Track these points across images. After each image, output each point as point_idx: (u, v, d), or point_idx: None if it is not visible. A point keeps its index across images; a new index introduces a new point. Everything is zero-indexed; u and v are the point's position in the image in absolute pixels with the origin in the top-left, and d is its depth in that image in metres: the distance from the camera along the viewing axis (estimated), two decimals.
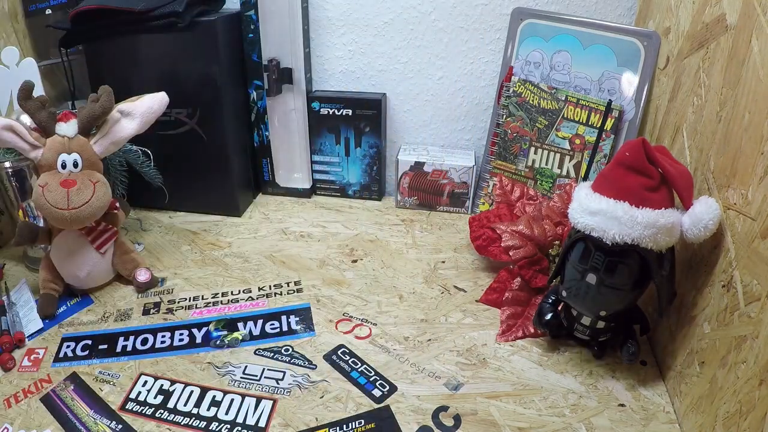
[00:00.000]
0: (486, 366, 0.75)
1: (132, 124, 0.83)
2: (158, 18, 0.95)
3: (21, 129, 0.77)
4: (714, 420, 0.59)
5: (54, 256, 0.86)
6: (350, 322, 0.83)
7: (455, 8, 1.06)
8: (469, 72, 1.12)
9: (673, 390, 0.70)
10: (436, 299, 0.89)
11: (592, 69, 0.98)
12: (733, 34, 0.65)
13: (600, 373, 0.74)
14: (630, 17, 1.03)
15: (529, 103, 1.03)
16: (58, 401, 0.70)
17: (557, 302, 0.77)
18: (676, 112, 0.81)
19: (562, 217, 0.88)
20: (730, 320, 0.59)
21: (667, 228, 0.62)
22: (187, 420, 0.67)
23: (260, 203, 1.20)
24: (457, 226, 1.10)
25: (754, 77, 0.59)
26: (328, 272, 0.96)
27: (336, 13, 1.11)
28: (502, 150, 1.07)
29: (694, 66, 0.76)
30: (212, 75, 1.00)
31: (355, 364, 0.76)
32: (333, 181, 1.21)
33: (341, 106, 1.13)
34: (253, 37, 1.07)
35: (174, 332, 0.82)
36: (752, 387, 0.53)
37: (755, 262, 0.55)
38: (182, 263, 0.98)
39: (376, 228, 1.10)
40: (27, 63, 0.90)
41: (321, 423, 0.66)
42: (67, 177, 0.79)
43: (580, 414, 0.68)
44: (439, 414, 0.68)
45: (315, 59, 1.16)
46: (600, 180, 0.68)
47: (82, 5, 0.95)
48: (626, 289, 0.67)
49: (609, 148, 0.97)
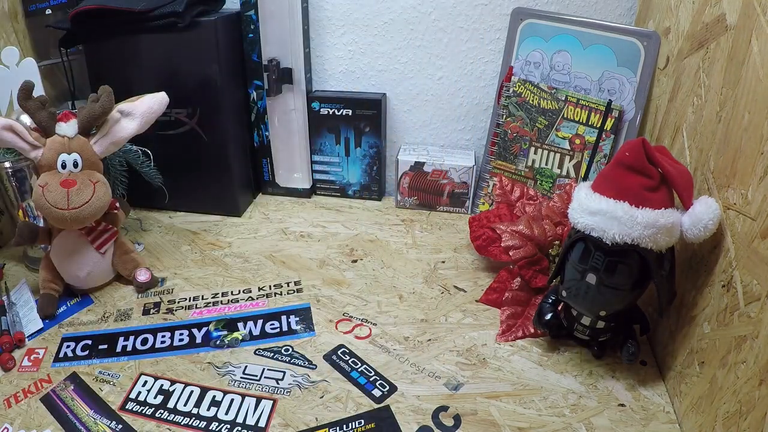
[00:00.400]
0: (486, 366, 0.75)
1: (132, 124, 0.83)
2: (158, 18, 0.95)
3: (21, 129, 0.77)
4: (714, 420, 0.59)
5: (54, 256, 0.86)
6: (350, 322, 0.83)
7: (455, 8, 1.06)
8: (469, 72, 1.12)
9: (673, 390, 0.70)
10: (436, 299, 0.89)
11: (592, 69, 0.98)
12: (733, 34, 0.65)
13: (600, 373, 0.74)
14: (630, 17, 1.03)
15: (529, 103, 1.03)
16: (58, 401, 0.70)
17: (557, 302, 0.77)
18: (676, 112, 0.81)
19: (562, 217, 0.88)
20: (730, 320, 0.59)
21: (667, 228, 0.62)
22: (187, 420, 0.67)
23: (260, 203, 1.20)
24: (457, 226, 1.10)
25: (754, 77, 0.59)
26: (328, 272, 0.96)
27: (336, 13, 1.11)
28: (502, 150, 1.07)
29: (694, 66, 0.76)
30: (212, 75, 1.00)
31: (355, 364, 0.76)
32: (333, 181, 1.21)
33: (341, 106, 1.13)
34: (253, 37, 1.07)
35: (174, 332, 0.82)
36: (752, 387, 0.53)
37: (755, 262, 0.55)
38: (182, 263, 0.98)
39: (376, 228, 1.10)
40: (27, 63, 0.90)
41: (321, 423, 0.66)
42: (67, 177, 0.79)
43: (580, 414, 0.68)
44: (439, 414, 0.68)
45: (315, 59, 1.16)
46: (600, 180, 0.68)
47: (82, 5, 0.95)
48: (626, 289, 0.67)
49: (609, 148, 0.97)
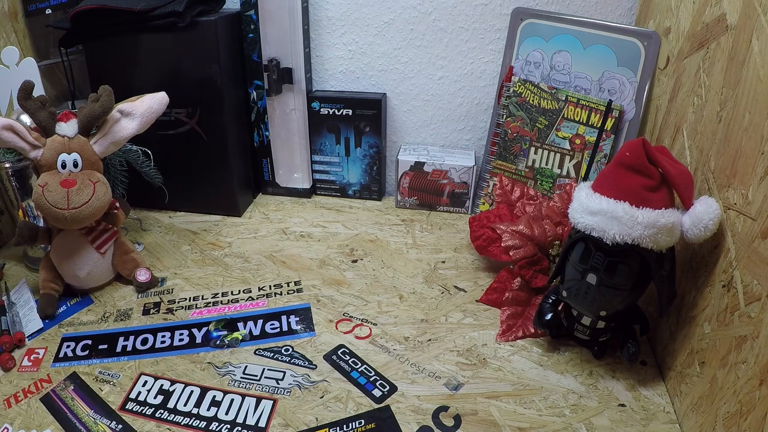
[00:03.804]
0: (486, 366, 0.75)
1: (132, 124, 0.83)
2: (158, 18, 0.95)
3: (21, 129, 0.77)
4: (714, 420, 0.59)
5: (54, 256, 0.86)
6: (350, 322, 0.83)
7: (455, 8, 1.06)
8: (470, 72, 1.12)
9: (674, 390, 0.70)
10: (436, 299, 0.89)
11: (593, 69, 0.98)
12: (733, 34, 0.65)
13: (600, 373, 0.74)
14: (630, 17, 1.03)
15: (529, 103, 1.02)
16: (58, 401, 0.70)
17: (557, 302, 0.77)
18: (676, 112, 0.81)
19: (562, 217, 0.88)
20: (731, 320, 0.59)
21: (667, 228, 0.62)
22: (187, 420, 0.67)
23: (260, 203, 1.20)
24: (457, 226, 1.10)
25: (754, 77, 0.59)
26: (328, 272, 0.96)
27: (336, 13, 1.11)
28: (502, 150, 1.07)
29: (694, 66, 0.76)
30: (212, 75, 1.00)
31: (355, 364, 0.76)
32: (333, 181, 1.21)
33: (341, 106, 1.13)
34: (253, 37, 1.07)
35: (174, 332, 0.81)
36: (752, 387, 0.53)
37: (755, 262, 0.55)
38: (182, 263, 0.98)
39: (376, 228, 1.10)
40: (27, 63, 0.90)
41: (321, 423, 0.66)
42: (67, 177, 0.79)
43: (580, 414, 0.68)
44: (440, 414, 0.68)
45: (315, 59, 1.16)
46: (600, 180, 0.67)
47: (82, 5, 0.95)
48: (626, 289, 0.67)
49: (609, 148, 0.97)
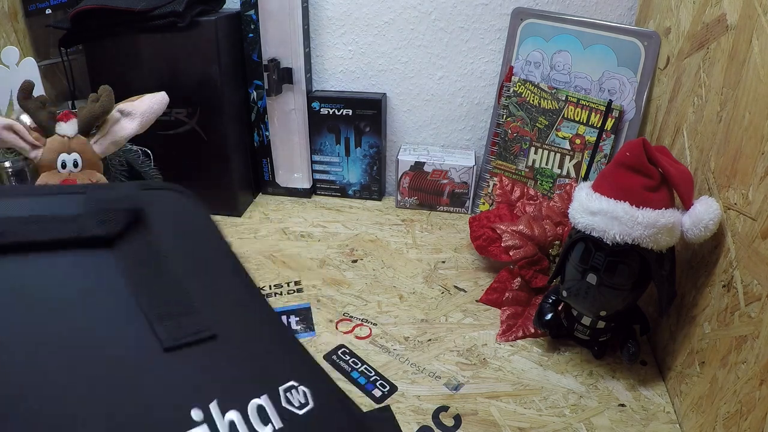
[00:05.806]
0: (486, 366, 0.75)
1: (132, 124, 0.83)
2: (158, 18, 0.95)
3: (21, 128, 0.77)
4: (714, 420, 0.59)
5: None
6: (350, 322, 0.83)
7: (455, 8, 1.06)
8: (470, 72, 1.12)
9: (674, 390, 0.70)
10: (436, 299, 0.89)
11: (593, 69, 0.98)
12: (733, 34, 0.65)
13: (600, 373, 0.74)
14: (630, 17, 1.03)
15: (529, 103, 1.02)
16: None
17: (557, 302, 0.77)
18: (676, 112, 0.81)
19: (562, 217, 0.88)
20: (731, 320, 0.59)
21: (667, 228, 0.62)
22: None
23: (260, 203, 1.20)
24: (457, 226, 1.10)
25: (754, 77, 0.59)
26: (328, 272, 0.96)
27: (336, 13, 1.11)
28: (503, 150, 1.07)
29: (694, 66, 0.76)
30: (212, 75, 1.00)
31: (355, 364, 0.76)
32: (333, 181, 1.21)
33: (341, 106, 1.12)
34: (253, 37, 1.07)
35: None
36: (752, 387, 0.53)
37: (755, 262, 0.55)
38: None
39: (376, 228, 1.10)
40: (27, 63, 0.90)
41: None
42: (67, 177, 0.79)
43: (580, 414, 0.68)
44: (440, 414, 0.68)
45: (315, 59, 1.16)
46: (600, 180, 0.67)
47: (82, 5, 0.95)
48: (626, 289, 0.67)
49: (609, 148, 0.97)
